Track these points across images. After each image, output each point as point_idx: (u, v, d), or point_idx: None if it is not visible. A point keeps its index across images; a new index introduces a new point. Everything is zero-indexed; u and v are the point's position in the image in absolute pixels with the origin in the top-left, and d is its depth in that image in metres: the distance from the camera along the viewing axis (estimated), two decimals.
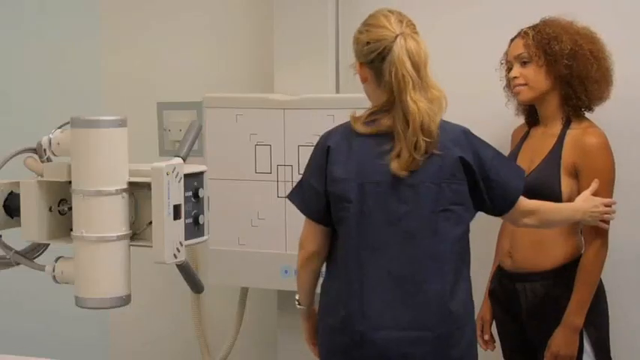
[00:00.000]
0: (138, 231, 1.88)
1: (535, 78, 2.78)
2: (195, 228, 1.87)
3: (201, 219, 1.89)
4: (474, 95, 3.13)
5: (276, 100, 3.16)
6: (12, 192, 1.96)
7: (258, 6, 3.56)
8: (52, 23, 3.71)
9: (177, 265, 1.85)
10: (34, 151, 1.95)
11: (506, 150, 2.93)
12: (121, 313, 2.16)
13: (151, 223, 1.81)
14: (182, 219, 1.82)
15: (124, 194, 1.82)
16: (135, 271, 1.86)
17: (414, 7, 2.56)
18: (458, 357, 2.38)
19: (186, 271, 1.89)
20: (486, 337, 2.99)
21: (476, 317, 2.98)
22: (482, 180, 2.37)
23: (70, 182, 1.83)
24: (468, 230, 2.42)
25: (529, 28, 2.82)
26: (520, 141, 2.93)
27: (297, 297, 2.60)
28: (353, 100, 2.89)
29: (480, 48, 3.17)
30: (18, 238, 1.94)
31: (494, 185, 2.39)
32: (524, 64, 2.80)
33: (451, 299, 2.35)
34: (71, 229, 1.84)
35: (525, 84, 2.80)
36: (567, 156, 2.74)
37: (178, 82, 3.71)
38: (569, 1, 2.93)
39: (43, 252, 2.01)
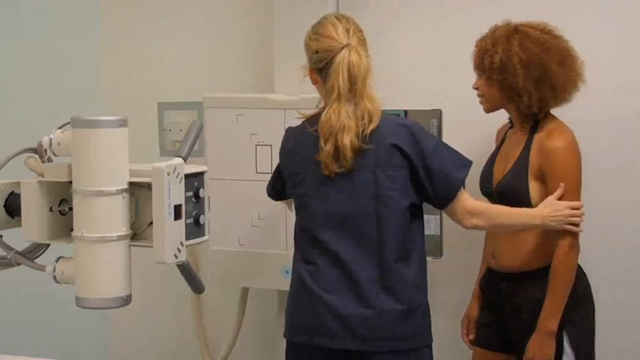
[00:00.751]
0: (138, 231, 1.87)
1: (486, 91, 2.80)
2: (195, 228, 1.87)
3: (201, 219, 1.88)
4: None
5: (277, 100, 3.16)
6: (13, 192, 1.95)
7: (259, 6, 3.56)
8: (52, 23, 3.71)
9: (178, 266, 1.85)
10: (35, 151, 1.95)
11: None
12: (122, 313, 2.16)
13: (151, 223, 1.81)
14: (183, 219, 1.82)
15: (125, 194, 1.82)
16: (135, 271, 1.86)
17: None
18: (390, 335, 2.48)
19: (187, 271, 1.89)
20: (471, 336, 3.00)
21: (462, 317, 3.03)
22: (421, 168, 2.47)
23: (70, 182, 1.83)
24: (408, 214, 2.50)
25: (478, 39, 2.83)
26: (499, 144, 2.95)
27: None
28: None
29: None
30: (19, 238, 1.94)
31: (435, 175, 2.47)
32: (479, 75, 2.83)
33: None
34: (72, 230, 1.84)
35: (482, 95, 2.83)
36: (534, 160, 2.73)
37: (179, 82, 3.71)
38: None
39: (43, 252, 2.01)
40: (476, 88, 2.84)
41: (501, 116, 2.95)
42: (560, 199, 2.65)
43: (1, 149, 1.92)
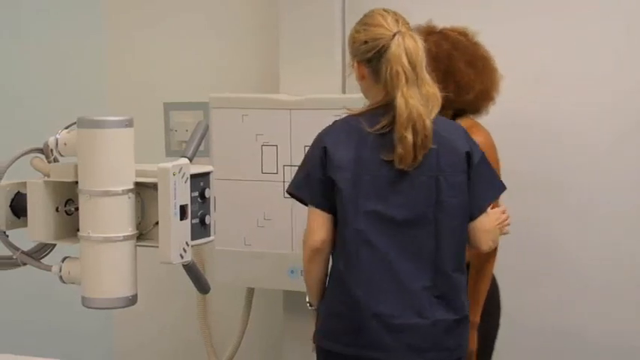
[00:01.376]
0: (144, 231, 1.87)
1: None
2: (201, 228, 1.87)
3: (207, 219, 1.88)
4: None
5: (282, 100, 3.16)
6: (19, 192, 1.95)
7: (264, 6, 3.57)
8: (57, 24, 3.71)
9: (184, 266, 1.85)
10: (41, 151, 1.95)
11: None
12: (126, 313, 2.16)
13: (157, 223, 1.81)
14: (188, 219, 1.82)
15: (131, 194, 1.82)
16: (141, 271, 1.86)
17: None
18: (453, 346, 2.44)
19: (193, 271, 1.89)
20: None
21: None
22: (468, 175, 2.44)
23: (76, 182, 1.83)
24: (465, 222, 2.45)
25: None
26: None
27: (307, 299, 2.60)
28: (359, 101, 2.88)
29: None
30: (24, 238, 1.94)
31: (472, 187, 2.44)
32: None
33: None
34: (78, 230, 1.84)
35: None
36: None
37: (185, 82, 3.72)
38: None
39: (49, 252, 2.01)
40: None
41: (511, 116, 2.95)
42: None
43: (7, 149, 1.93)
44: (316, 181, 2.45)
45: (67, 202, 1.93)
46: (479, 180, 2.44)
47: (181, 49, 3.82)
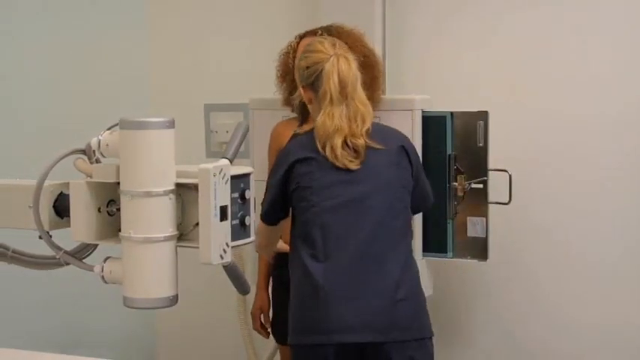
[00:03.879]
0: (185, 232, 1.88)
1: None
2: (241, 229, 1.88)
3: (247, 220, 1.89)
4: None
5: None
6: (62, 193, 1.98)
7: (304, 8, 3.57)
8: (101, 25, 3.75)
9: (224, 266, 1.86)
10: (84, 152, 1.97)
11: None
12: (168, 313, 2.17)
13: (197, 224, 1.82)
14: (228, 220, 1.83)
15: (172, 195, 1.83)
16: (182, 271, 1.87)
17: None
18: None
19: (233, 272, 1.90)
20: (267, 326, 3.14)
21: (252, 310, 3.13)
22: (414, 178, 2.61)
23: (118, 183, 1.85)
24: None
25: (325, 31, 2.93)
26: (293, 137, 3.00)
27: None
28: (400, 102, 2.89)
29: None
30: (67, 238, 1.96)
31: (418, 188, 2.62)
32: None
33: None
34: (119, 230, 1.86)
35: None
36: None
37: (225, 83, 3.74)
38: None
39: (92, 252, 2.03)
40: None
41: (552, 117, 2.92)
42: None
43: (51, 150, 1.95)
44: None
45: (109, 202, 1.94)
46: (424, 184, 2.69)
47: (222, 51, 3.84)
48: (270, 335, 3.18)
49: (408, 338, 2.47)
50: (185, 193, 1.87)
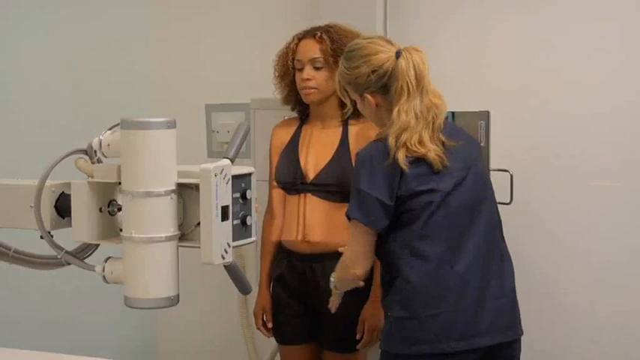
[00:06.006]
0: (186, 232, 1.88)
1: (326, 83, 2.92)
2: (242, 229, 1.88)
3: (248, 220, 1.89)
4: None
5: None
6: (63, 192, 1.98)
7: (306, 8, 3.57)
8: (102, 25, 3.75)
9: (225, 266, 1.86)
10: (85, 152, 1.97)
11: None
12: (168, 313, 2.17)
13: (199, 224, 1.82)
14: (230, 220, 1.83)
15: (173, 195, 1.83)
16: (183, 271, 1.87)
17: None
18: None
19: (234, 272, 1.90)
20: (269, 325, 3.12)
21: (254, 310, 3.13)
22: None
23: (119, 183, 1.85)
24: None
25: (324, 32, 2.94)
26: (292, 139, 3.03)
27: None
28: None
29: None
30: (68, 238, 1.96)
31: None
32: (317, 68, 2.92)
33: None
34: (120, 230, 1.86)
35: (316, 88, 2.93)
36: (354, 147, 2.84)
37: (226, 83, 3.74)
38: None
39: (93, 252, 2.03)
40: (307, 79, 2.94)
41: (553, 117, 2.92)
42: None
43: (52, 150, 1.95)
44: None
45: (111, 202, 1.95)
46: None
47: (223, 51, 3.84)
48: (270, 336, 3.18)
49: None
50: (186, 193, 1.87)
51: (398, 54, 2.46)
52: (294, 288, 3.01)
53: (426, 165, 2.43)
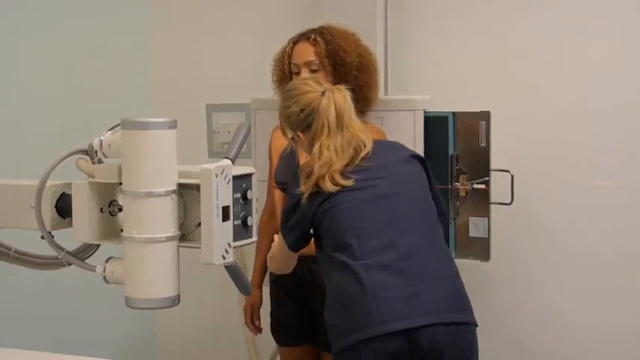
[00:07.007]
0: (187, 232, 1.88)
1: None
2: (243, 229, 1.88)
3: (249, 220, 1.89)
4: None
5: None
6: (64, 193, 1.98)
7: (306, 8, 3.57)
8: (102, 25, 3.75)
9: (226, 267, 1.86)
10: (86, 152, 1.97)
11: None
12: (169, 313, 2.17)
13: (199, 224, 1.82)
14: (230, 220, 1.83)
15: (173, 195, 1.83)
16: (183, 271, 1.87)
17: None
18: None
19: (235, 272, 1.90)
20: (257, 322, 3.17)
21: (244, 305, 3.16)
22: None
23: (120, 183, 1.85)
24: None
25: (317, 34, 2.93)
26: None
27: None
28: (401, 102, 2.88)
29: None
30: (69, 238, 1.96)
31: None
32: (313, 70, 2.90)
33: None
34: (121, 230, 1.86)
35: None
36: None
37: (227, 84, 3.74)
38: None
39: (94, 252, 2.03)
40: None
41: (554, 117, 2.92)
42: None
43: (53, 151, 1.95)
44: None
45: (111, 202, 1.95)
46: None
47: (224, 51, 3.84)
48: (270, 336, 3.18)
49: None
50: (187, 193, 1.87)
51: (323, 93, 2.49)
52: (293, 289, 3.01)
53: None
